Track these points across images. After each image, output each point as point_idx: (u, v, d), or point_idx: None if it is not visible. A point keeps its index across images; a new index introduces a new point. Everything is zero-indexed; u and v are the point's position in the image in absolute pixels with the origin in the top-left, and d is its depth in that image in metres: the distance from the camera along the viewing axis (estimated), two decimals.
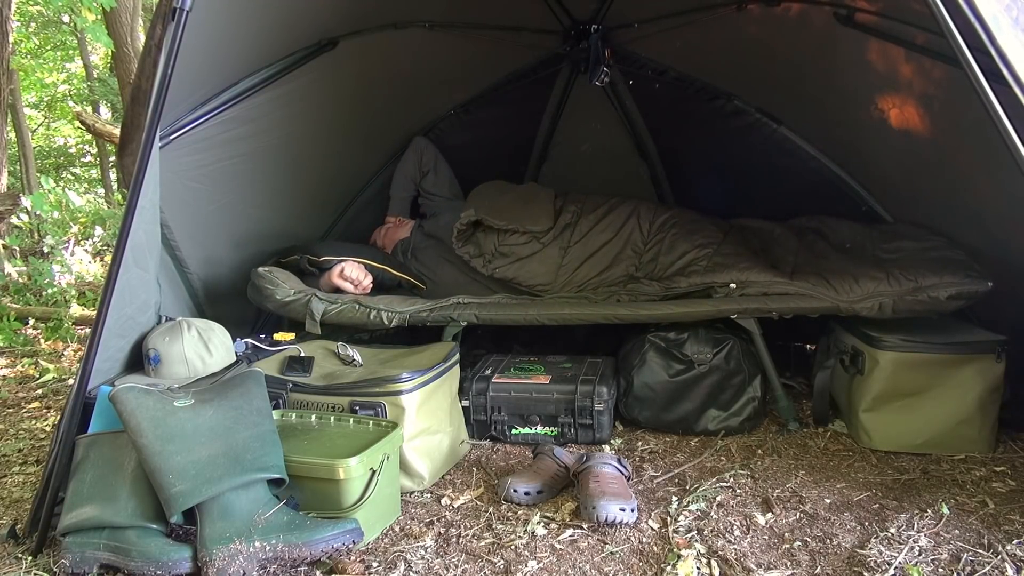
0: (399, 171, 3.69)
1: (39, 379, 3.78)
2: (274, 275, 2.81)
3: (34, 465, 2.60)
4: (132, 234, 1.97)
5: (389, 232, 3.53)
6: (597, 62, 3.33)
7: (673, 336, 2.69)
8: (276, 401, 2.26)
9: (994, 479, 2.19)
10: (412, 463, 2.20)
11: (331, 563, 1.80)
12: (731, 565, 1.76)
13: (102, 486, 1.84)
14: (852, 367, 2.53)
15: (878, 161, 3.09)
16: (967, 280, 2.39)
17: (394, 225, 3.57)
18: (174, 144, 2.52)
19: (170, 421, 1.84)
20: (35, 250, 7.03)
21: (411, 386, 2.23)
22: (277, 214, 3.24)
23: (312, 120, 3.11)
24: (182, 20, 1.86)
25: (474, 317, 2.74)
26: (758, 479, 2.24)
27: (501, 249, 3.09)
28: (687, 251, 2.91)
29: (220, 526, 1.73)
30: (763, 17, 2.96)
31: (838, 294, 2.51)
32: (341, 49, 2.91)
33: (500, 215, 3.09)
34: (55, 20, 11.31)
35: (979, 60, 1.62)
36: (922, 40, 2.30)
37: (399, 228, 3.53)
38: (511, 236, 3.10)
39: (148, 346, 2.28)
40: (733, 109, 3.56)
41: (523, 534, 1.94)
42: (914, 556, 1.76)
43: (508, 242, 3.10)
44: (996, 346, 2.34)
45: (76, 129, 13.70)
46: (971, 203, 2.61)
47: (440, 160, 3.68)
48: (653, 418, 2.68)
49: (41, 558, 1.89)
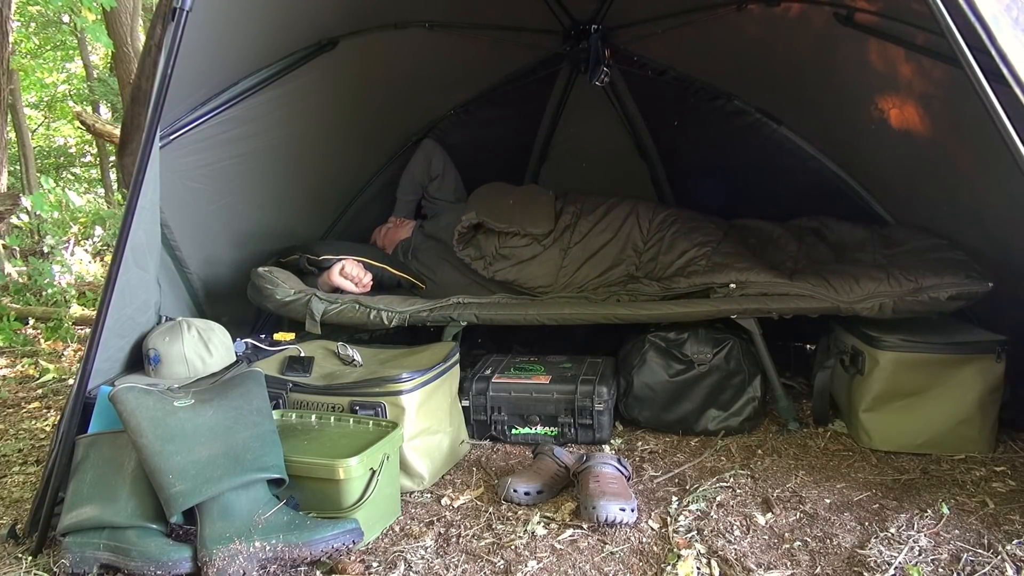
0: (407, 174, 3.68)
1: (39, 379, 3.78)
2: (274, 275, 2.81)
3: (34, 465, 2.60)
4: (132, 234, 1.97)
5: (389, 232, 3.53)
6: (597, 62, 3.33)
7: (673, 336, 2.69)
8: (276, 401, 2.26)
9: (994, 479, 2.19)
10: (412, 463, 2.20)
11: (331, 563, 1.80)
12: (731, 565, 1.76)
13: (102, 486, 1.84)
14: (852, 367, 2.53)
15: (878, 161, 3.09)
16: (968, 281, 2.39)
17: (395, 225, 3.57)
18: (174, 144, 2.52)
19: (170, 421, 1.84)
20: (35, 250, 7.03)
21: (411, 386, 2.23)
22: (277, 214, 3.24)
23: (312, 120, 3.11)
24: (182, 20, 1.86)
25: (474, 317, 2.74)
26: (758, 479, 2.24)
27: (502, 251, 3.09)
28: (686, 250, 2.91)
29: (220, 526, 1.73)
30: (763, 17, 2.96)
31: (838, 295, 2.51)
32: (341, 49, 2.91)
33: (501, 218, 3.09)
34: (55, 20, 11.31)
35: (979, 60, 1.62)
36: (922, 40, 2.30)
37: (400, 228, 3.53)
38: (512, 239, 3.10)
39: (148, 346, 2.28)
40: (733, 109, 3.56)
41: (523, 534, 1.94)
42: (914, 556, 1.76)
43: (509, 244, 3.10)
44: (996, 346, 2.34)
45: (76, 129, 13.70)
46: (971, 203, 2.61)
47: (448, 165, 3.67)
48: (653, 418, 2.68)
49: (41, 558, 1.89)
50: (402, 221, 3.59)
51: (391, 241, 3.48)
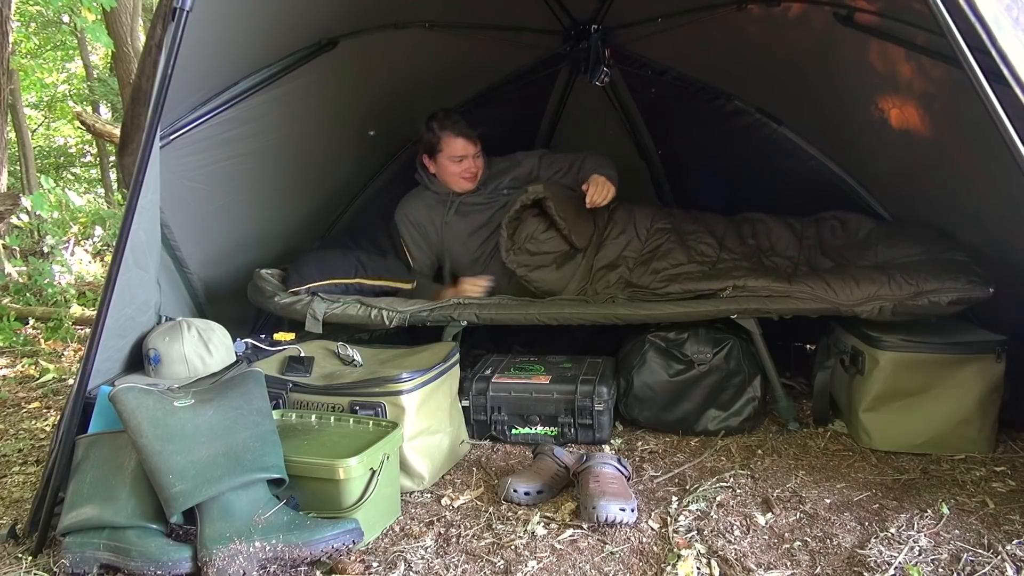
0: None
1: (39, 379, 3.78)
2: (276, 276, 2.81)
3: (34, 465, 2.60)
4: (132, 234, 1.97)
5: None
6: (597, 62, 3.33)
7: (673, 336, 2.69)
8: (276, 401, 2.26)
9: (994, 479, 2.19)
10: (412, 463, 2.20)
11: (331, 563, 1.80)
12: (731, 565, 1.76)
13: (102, 486, 1.84)
14: (852, 367, 2.53)
15: (878, 161, 3.09)
16: (968, 286, 2.39)
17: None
18: (174, 144, 2.52)
19: (170, 421, 1.84)
20: (35, 250, 7.04)
21: (411, 386, 2.23)
22: (277, 214, 3.24)
23: (312, 120, 3.10)
24: (182, 20, 1.86)
25: (474, 317, 2.74)
26: (758, 479, 2.24)
27: (528, 246, 2.97)
28: (682, 263, 2.91)
29: (220, 526, 1.73)
30: (763, 17, 2.96)
31: (838, 296, 2.51)
32: (341, 49, 2.91)
33: (562, 210, 2.95)
34: (55, 20, 11.30)
35: (979, 60, 1.62)
36: (922, 40, 2.29)
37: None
38: (549, 240, 2.97)
39: (148, 346, 2.28)
40: (733, 109, 3.56)
41: (523, 534, 1.94)
42: (914, 556, 1.76)
43: (541, 240, 2.96)
44: (996, 346, 2.34)
45: (76, 129, 13.71)
46: (971, 203, 2.61)
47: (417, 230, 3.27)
48: (653, 418, 2.68)
49: (41, 558, 1.89)
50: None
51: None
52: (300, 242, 3.40)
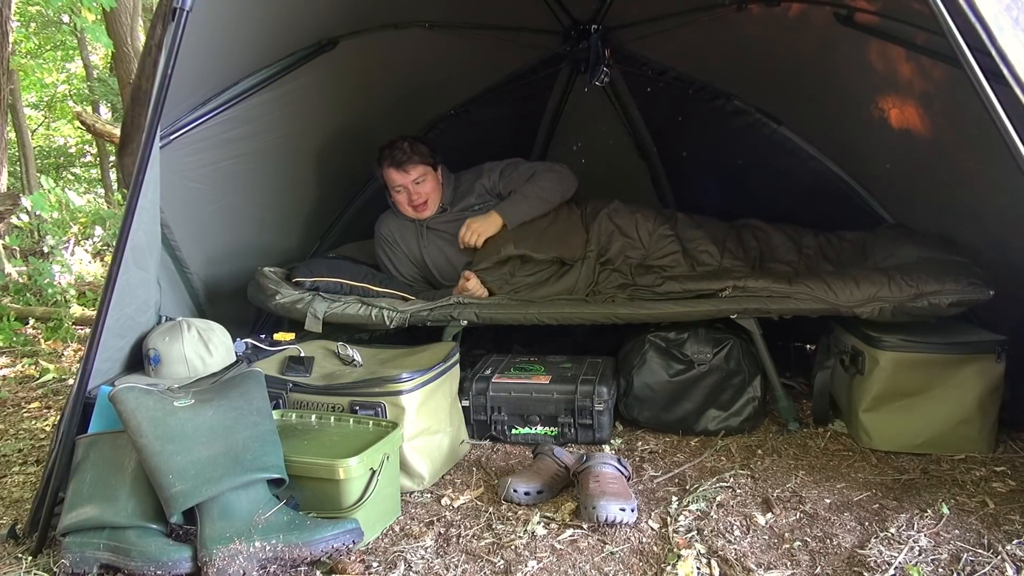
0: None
1: (39, 379, 3.78)
2: (277, 275, 2.81)
3: (34, 465, 2.60)
4: (132, 234, 1.97)
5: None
6: (597, 62, 3.33)
7: (673, 336, 2.69)
8: (276, 401, 2.26)
9: (994, 479, 2.19)
10: (412, 463, 2.20)
11: (331, 563, 1.80)
12: (731, 565, 1.76)
13: (102, 486, 1.84)
14: (852, 367, 2.53)
15: (878, 161, 3.08)
16: (969, 288, 2.38)
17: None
18: (174, 144, 2.52)
19: (170, 421, 1.84)
20: (35, 250, 7.04)
21: (411, 386, 2.23)
22: (277, 214, 3.24)
23: (312, 120, 3.11)
24: (182, 20, 1.86)
25: (474, 317, 2.74)
26: (758, 479, 2.24)
27: (518, 280, 2.95)
28: (684, 268, 2.90)
29: (220, 526, 1.73)
30: (763, 17, 2.96)
31: (838, 297, 2.51)
32: (341, 49, 2.91)
33: (540, 246, 2.94)
34: (55, 20, 11.31)
35: (979, 60, 1.62)
36: (922, 40, 2.29)
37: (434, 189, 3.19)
38: (540, 264, 2.96)
39: (148, 346, 2.28)
40: (733, 109, 3.56)
41: (523, 534, 1.94)
42: (914, 556, 1.76)
43: (529, 271, 2.96)
44: (996, 346, 2.34)
45: (76, 129, 13.71)
46: (971, 203, 2.61)
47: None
48: (653, 418, 2.68)
49: (41, 558, 1.89)
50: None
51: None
52: (300, 242, 3.41)
